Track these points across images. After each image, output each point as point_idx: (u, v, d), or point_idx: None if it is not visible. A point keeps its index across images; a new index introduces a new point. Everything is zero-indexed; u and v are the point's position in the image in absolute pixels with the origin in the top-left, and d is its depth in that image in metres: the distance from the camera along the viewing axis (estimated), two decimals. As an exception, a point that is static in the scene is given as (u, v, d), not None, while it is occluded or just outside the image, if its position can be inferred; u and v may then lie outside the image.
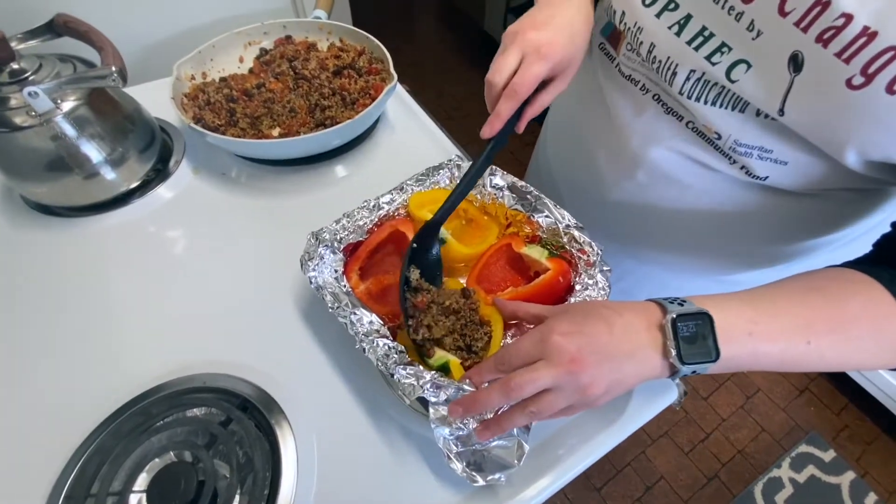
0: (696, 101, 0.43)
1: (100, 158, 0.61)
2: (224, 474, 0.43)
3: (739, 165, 0.45)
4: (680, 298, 0.35)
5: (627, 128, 0.51)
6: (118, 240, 0.63)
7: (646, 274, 0.64)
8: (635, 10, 0.45)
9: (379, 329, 0.44)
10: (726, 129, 0.43)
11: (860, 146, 0.36)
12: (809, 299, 0.35)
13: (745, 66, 0.39)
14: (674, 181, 0.51)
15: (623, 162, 0.53)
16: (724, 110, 0.42)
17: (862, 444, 1.36)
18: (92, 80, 0.55)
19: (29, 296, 0.57)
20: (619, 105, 0.52)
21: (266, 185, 0.69)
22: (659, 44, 0.44)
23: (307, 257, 0.48)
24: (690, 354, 0.33)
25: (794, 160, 0.42)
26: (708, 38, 0.41)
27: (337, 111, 0.69)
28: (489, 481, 0.39)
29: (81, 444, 0.45)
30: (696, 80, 0.42)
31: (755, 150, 0.43)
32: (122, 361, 0.52)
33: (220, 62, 0.77)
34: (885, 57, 0.32)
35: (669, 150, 0.49)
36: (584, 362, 0.33)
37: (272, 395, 0.48)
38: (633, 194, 0.55)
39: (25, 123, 0.55)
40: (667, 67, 0.44)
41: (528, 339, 0.36)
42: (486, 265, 0.53)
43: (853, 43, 0.32)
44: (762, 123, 0.41)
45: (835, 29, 0.33)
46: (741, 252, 0.56)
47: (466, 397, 0.38)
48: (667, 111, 0.47)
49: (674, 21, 0.43)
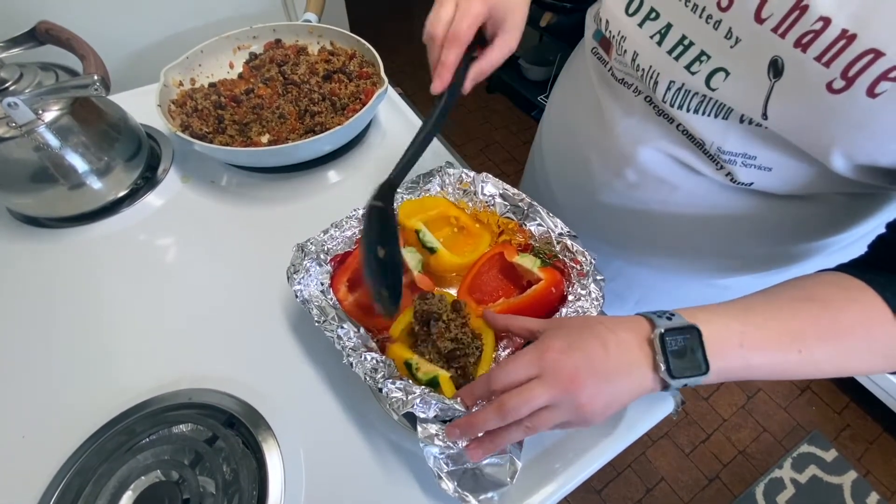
0: (679, 110, 0.43)
1: (85, 168, 0.60)
2: (210, 492, 0.42)
3: (725, 172, 0.45)
4: (669, 312, 0.35)
5: (618, 127, 0.51)
6: (106, 250, 0.62)
7: (636, 276, 0.64)
8: (619, 20, 0.46)
9: (367, 343, 0.43)
10: (709, 135, 0.43)
11: (845, 149, 0.36)
12: (801, 308, 0.35)
13: (723, 74, 0.39)
14: (662, 182, 0.51)
15: (613, 161, 0.53)
16: (707, 118, 0.42)
17: (864, 444, 1.35)
18: (73, 90, 0.54)
19: (12, 309, 0.56)
20: (611, 106, 0.51)
21: (256, 193, 0.68)
22: (641, 52, 0.44)
23: (293, 270, 0.47)
24: (680, 368, 0.33)
25: (778, 166, 0.42)
26: (688, 46, 0.41)
27: (327, 117, 0.68)
28: (482, 500, 0.38)
29: (65, 464, 0.45)
30: (676, 89, 0.42)
31: (739, 156, 0.43)
32: (108, 377, 0.51)
33: (208, 67, 0.75)
34: (864, 60, 0.31)
35: (657, 150, 0.49)
36: (582, 381, 0.33)
37: (259, 411, 0.47)
38: (623, 195, 0.55)
39: (6, 135, 0.54)
40: (649, 76, 0.44)
41: (522, 358, 0.35)
42: (478, 275, 0.52)
43: (832, 46, 0.32)
44: (746, 130, 0.41)
45: (813, 33, 0.33)
46: (731, 255, 0.55)
47: (462, 420, 0.37)
48: (658, 113, 0.47)
49: (655, 31, 0.43)
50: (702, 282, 0.59)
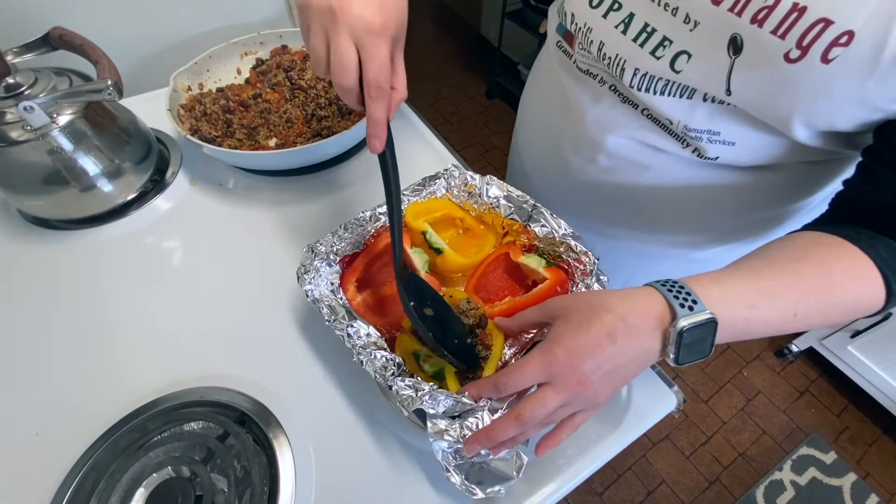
0: (646, 93, 0.45)
1: (96, 171, 0.61)
2: (222, 489, 0.43)
3: (692, 148, 0.47)
4: (683, 288, 0.34)
5: (586, 116, 0.53)
6: (115, 252, 0.63)
7: (619, 258, 0.65)
8: (584, 12, 0.48)
9: (376, 341, 0.44)
10: (676, 115, 0.45)
11: (805, 117, 0.38)
12: (801, 270, 0.36)
13: (686, 57, 0.41)
14: (633, 164, 0.53)
15: (585, 149, 0.56)
16: (673, 98, 0.44)
17: (863, 446, 1.36)
18: (88, 94, 0.55)
19: (26, 309, 0.57)
20: (578, 96, 0.54)
21: (263, 196, 0.69)
22: (607, 42, 0.47)
23: (303, 270, 0.48)
24: (687, 356, 0.34)
25: (741, 140, 0.44)
26: (651, 33, 0.43)
27: (333, 121, 0.69)
28: (489, 494, 0.39)
29: (78, 461, 0.45)
30: (642, 75, 0.45)
31: (704, 133, 0.45)
32: (119, 376, 0.52)
33: (216, 73, 0.77)
34: (816, 29, 0.33)
35: (624, 137, 0.51)
36: (590, 381, 0.34)
37: (269, 409, 0.48)
38: (598, 179, 0.57)
39: (21, 138, 0.55)
40: (616, 64, 0.46)
41: (530, 365, 0.36)
42: (484, 274, 0.53)
43: (786, 19, 0.35)
44: (709, 108, 0.43)
45: (767, 8, 0.35)
46: (705, 228, 0.58)
47: (480, 432, 0.37)
48: (623, 101, 0.49)
49: (619, 20, 0.45)
50: (681, 258, 0.62)
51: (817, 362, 1.50)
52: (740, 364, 1.53)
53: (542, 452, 0.39)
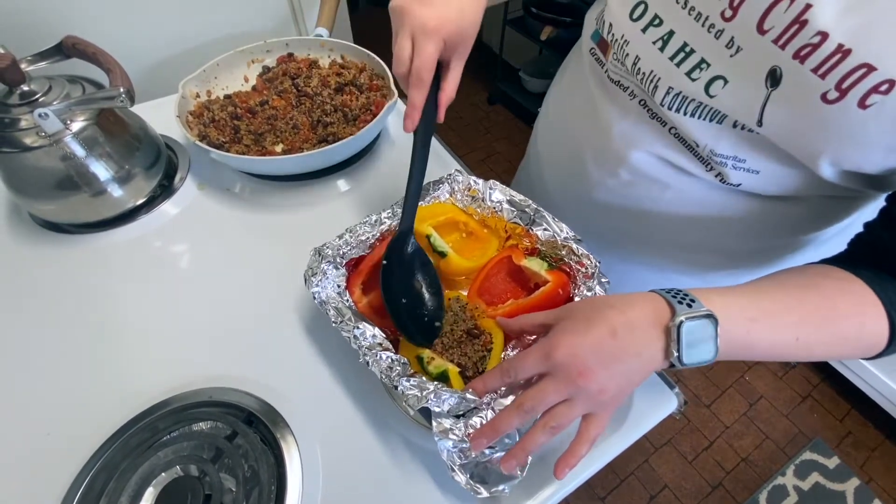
0: (676, 113, 0.45)
1: (108, 176, 0.63)
2: (230, 488, 0.44)
3: (715, 172, 0.47)
4: (683, 292, 0.35)
5: (612, 129, 0.53)
6: (125, 255, 0.64)
7: (629, 273, 0.65)
8: (623, 24, 0.47)
9: (382, 342, 0.45)
10: (703, 139, 0.45)
11: (833, 157, 0.38)
12: (805, 296, 0.36)
13: (722, 82, 0.41)
14: (654, 181, 0.53)
15: (608, 161, 0.55)
16: (702, 121, 0.44)
17: (866, 451, 1.35)
18: (101, 101, 0.57)
19: (36, 312, 0.58)
20: (606, 107, 0.53)
21: (270, 200, 0.71)
22: (643, 57, 0.46)
23: (310, 273, 0.49)
24: (691, 356, 0.34)
25: (766, 170, 0.44)
26: (689, 53, 0.43)
27: (339, 127, 0.70)
28: (493, 493, 0.40)
29: (89, 460, 0.46)
30: (675, 94, 0.44)
31: (730, 159, 0.45)
32: (129, 377, 0.53)
33: (224, 80, 0.78)
34: (857, 73, 0.33)
35: (649, 153, 0.51)
36: (592, 372, 0.34)
37: (277, 409, 0.49)
38: (617, 192, 0.57)
39: (35, 144, 0.56)
40: (649, 80, 0.46)
41: (532, 354, 0.36)
42: (487, 277, 0.54)
43: (828, 59, 0.34)
44: (738, 135, 0.43)
45: (811, 46, 0.35)
46: (719, 251, 0.57)
47: (485, 427, 0.38)
48: (651, 116, 0.49)
49: (658, 36, 0.45)
50: (692, 277, 0.62)
51: (820, 367, 1.50)
52: (742, 369, 1.53)
53: (562, 473, 0.37)
